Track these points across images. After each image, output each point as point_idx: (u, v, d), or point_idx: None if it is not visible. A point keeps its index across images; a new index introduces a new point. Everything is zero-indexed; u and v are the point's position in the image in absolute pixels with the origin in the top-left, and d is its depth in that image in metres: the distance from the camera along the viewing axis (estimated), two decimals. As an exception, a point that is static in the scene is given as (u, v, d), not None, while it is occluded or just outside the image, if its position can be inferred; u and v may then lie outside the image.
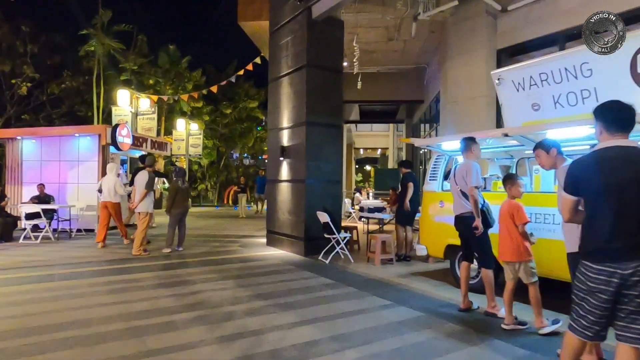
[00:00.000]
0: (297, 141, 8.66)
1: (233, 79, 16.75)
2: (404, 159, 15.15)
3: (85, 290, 5.72)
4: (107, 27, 22.12)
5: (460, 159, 5.46)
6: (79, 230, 11.57)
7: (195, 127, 23.51)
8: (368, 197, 19.69)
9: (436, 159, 6.58)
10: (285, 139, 9.07)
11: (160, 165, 21.84)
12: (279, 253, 8.80)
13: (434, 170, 6.52)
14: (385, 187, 18.46)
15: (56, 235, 10.58)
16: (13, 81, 22.33)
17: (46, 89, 24.45)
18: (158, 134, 19.98)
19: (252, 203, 25.36)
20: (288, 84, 9.01)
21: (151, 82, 23.51)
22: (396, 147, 35.31)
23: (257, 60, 14.92)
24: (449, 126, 10.56)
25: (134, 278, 6.48)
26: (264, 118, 36.11)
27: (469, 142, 4.92)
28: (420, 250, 6.64)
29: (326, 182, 8.62)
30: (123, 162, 14.08)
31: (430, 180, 6.52)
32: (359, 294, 5.68)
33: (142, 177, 8.59)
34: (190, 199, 17.03)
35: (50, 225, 10.75)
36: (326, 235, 7.98)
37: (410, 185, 7.76)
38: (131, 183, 12.99)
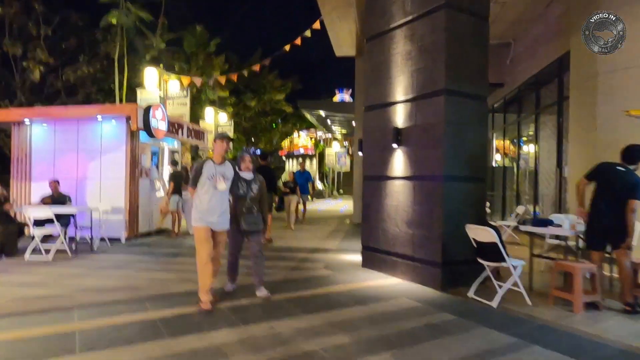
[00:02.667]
0: (426, 120, 5.79)
1: (273, 63, 13.89)
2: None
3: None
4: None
5: None
6: (102, 240, 8.80)
7: (224, 117, 20.75)
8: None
9: None
10: (400, 117, 6.20)
11: (187, 160, 19.12)
12: (394, 283, 5.94)
13: None
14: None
15: (74, 248, 7.83)
16: (25, 63, 19.63)
17: (61, 75, 21.78)
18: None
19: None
20: (406, 37, 6.14)
21: (175, 68, 20.70)
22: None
23: (316, 24, 12.02)
24: (585, 109, 7.67)
25: (212, 344, 3.66)
26: (290, 111, 33.32)
27: None
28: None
29: (469, 181, 5.75)
30: (153, 154, 11.30)
31: None
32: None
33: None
34: None
35: (66, 234, 8.00)
36: (483, 262, 5.12)
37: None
38: (169, 180, 10.22)
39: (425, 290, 5.49)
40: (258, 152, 37.93)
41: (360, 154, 7.69)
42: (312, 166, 51.24)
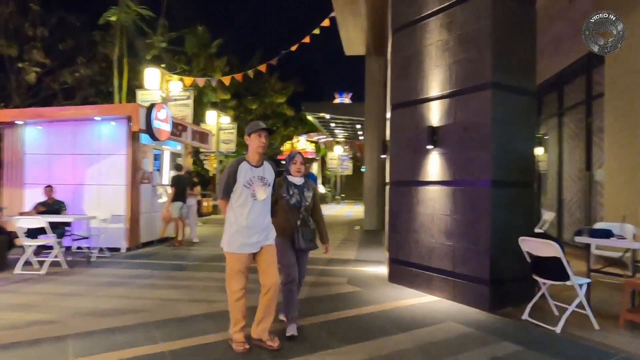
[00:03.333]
0: (468, 117, 5.12)
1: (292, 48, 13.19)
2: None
3: None
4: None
5: None
6: (100, 250, 8.07)
7: (226, 119, 20.08)
8: None
9: None
10: (436, 115, 5.52)
11: (189, 163, 18.44)
12: (431, 301, 5.24)
13: None
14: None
15: (70, 260, 7.09)
16: (20, 64, 18.90)
17: (58, 77, 21.04)
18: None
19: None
20: (442, 26, 5.47)
21: (177, 69, 20.01)
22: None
23: (326, 22, 11.38)
24: (624, 107, 7.04)
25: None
26: (292, 114, 32.63)
27: None
28: None
29: (517, 186, 5.07)
30: (155, 158, 10.60)
31: None
32: None
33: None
34: None
35: (60, 245, 7.28)
36: (541, 280, 4.43)
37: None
38: (171, 186, 9.53)
39: (471, 312, 4.79)
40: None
41: (383, 156, 6.96)
42: (312, 170, 50.65)
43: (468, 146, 5.07)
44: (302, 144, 52.47)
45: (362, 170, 24.64)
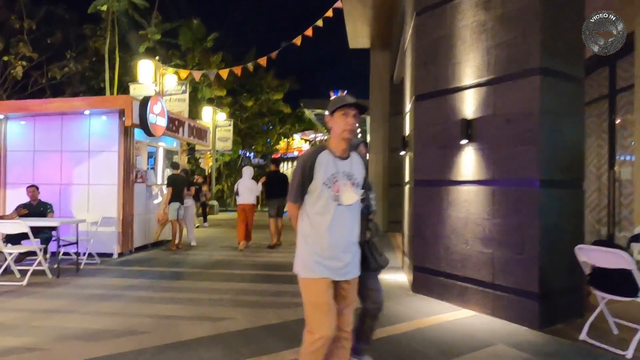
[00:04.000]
0: (511, 108, 4.49)
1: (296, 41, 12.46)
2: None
3: None
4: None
5: None
6: (90, 256, 7.36)
7: (222, 116, 19.36)
8: None
9: None
10: (470, 106, 4.89)
11: (184, 162, 17.70)
12: (467, 316, 4.62)
13: None
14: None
15: (56, 267, 6.39)
16: (6, 58, 18.02)
17: (46, 72, 20.18)
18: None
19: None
20: (478, 5, 4.84)
21: (172, 63, 19.22)
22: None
23: (329, 13, 10.72)
24: None
25: None
26: (288, 112, 31.92)
27: None
28: None
29: (567, 186, 4.46)
30: (150, 155, 9.90)
31: None
32: None
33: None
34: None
35: (46, 251, 6.58)
36: (603, 295, 3.82)
37: None
38: (167, 185, 8.84)
39: (518, 331, 4.16)
40: (252, 156, 36.46)
41: (402, 153, 6.34)
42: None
43: (511, 140, 4.45)
44: (297, 142, 51.79)
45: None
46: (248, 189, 9.13)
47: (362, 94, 15.96)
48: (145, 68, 11.54)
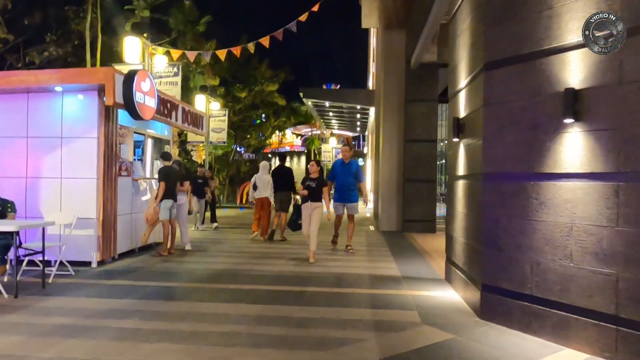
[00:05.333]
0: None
1: (294, 28, 11.08)
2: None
3: None
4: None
5: None
6: (61, 265, 5.91)
7: (217, 106, 17.86)
8: None
9: None
10: (577, 72, 3.56)
11: (175, 154, 16.21)
12: None
13: None
14: None
15: (17, 280, 4.93)
16: (-24, 38, 16.28)
17: (23, 56, 18.44)
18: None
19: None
20: None
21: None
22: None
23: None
24: None
25: None
26: (283, 104, 30.45)
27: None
28: None
29: None
30: (136, 145, 8.46)
31: None
32: None
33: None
34: None
35: (4, 262, 5.17)
36: None
37: None
38: (159, 179, 7.42)
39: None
40: (243, 150, 34.81)
41: (456, 139, 5.00)
42: (300, 164, 48.55)
43: (651, 117, 3.14)
44: (289, 137, 50.29)
45: (360, 163, 22.71)
46: (265, 183, 9.34)
47: (359, 83, 14.64)
48: (132, 46, 10.04)
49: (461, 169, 5.15)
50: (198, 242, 9.21)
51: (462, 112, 5.13)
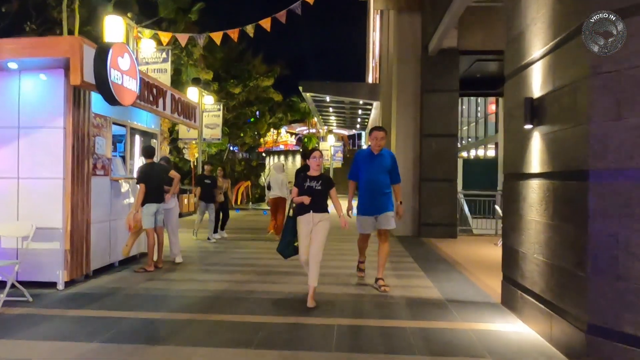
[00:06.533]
0: None
1: (298, 10, 9.80)
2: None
3: None
4: None
5: None
6: (12, 287, 4.58)
7: (210, 100, 16.53)
8: None
9: None
10: None
11: (165, 152, 14.86)
12: None
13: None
14: None
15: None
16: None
17: (0, 46, 16.95)
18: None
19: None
20: None
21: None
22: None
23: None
24: None
25: None
26: (279, 99, 29.16)
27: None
28: None
29: None
30: (118, 140, 7.18)
31: None
32: None
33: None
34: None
35: None
36: None
37: None
38: (138, 180, 6.12)
39: None
40: (236, 149, 33.36)
41: (528, 127, 3.75)
42: (294, 164, 47.12)
43: None
44: (283, 136, 48.93)
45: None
46: (279, 183, 9.33)
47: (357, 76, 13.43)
48: (114, 27, 8.67)
49: (536, 165, 3.91)
50: (191, 252, 7.91)
51: (539, 91, 3.89)
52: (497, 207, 9.09)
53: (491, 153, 17.85)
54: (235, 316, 4.25)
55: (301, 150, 42.93)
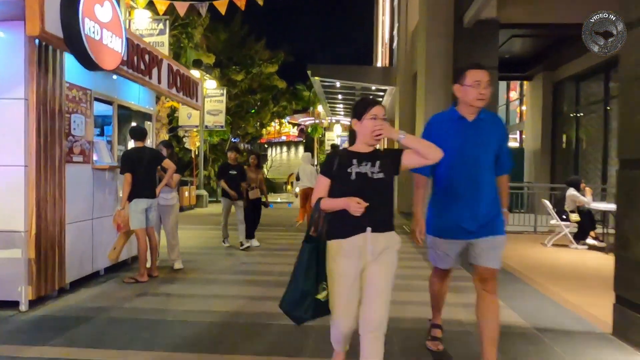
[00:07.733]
0: None
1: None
2: None
3: None
4: None
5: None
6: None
7: (212, 84, 15.23)
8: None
9: None
10: None
11: (162, 136, 13.53)
12: None
13: None
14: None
15: None
16: None
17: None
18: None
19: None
20: None
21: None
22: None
23: None
24: None
25: None
26: (284, 87, 27.79)
27: None
28: None
29: None
30: (105, 122, 5.93)
31: None
32: None
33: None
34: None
35: None
36: None
37: None
38: (122, 169, 4.82)
39: None
40: (237, 140, 31.94)
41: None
42: (297, 156, 45.78)
43: None
44: (286, 126, 47.53)
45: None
46: (308, 174, 9.40)
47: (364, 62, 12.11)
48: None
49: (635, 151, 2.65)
50: (193, 253, 6.66)
51: None
52: (546, 202, 7.82)
53: (511, 143, 16.57)
54: (252, 358, 3.01)
55: (304, 141, 41.46)
